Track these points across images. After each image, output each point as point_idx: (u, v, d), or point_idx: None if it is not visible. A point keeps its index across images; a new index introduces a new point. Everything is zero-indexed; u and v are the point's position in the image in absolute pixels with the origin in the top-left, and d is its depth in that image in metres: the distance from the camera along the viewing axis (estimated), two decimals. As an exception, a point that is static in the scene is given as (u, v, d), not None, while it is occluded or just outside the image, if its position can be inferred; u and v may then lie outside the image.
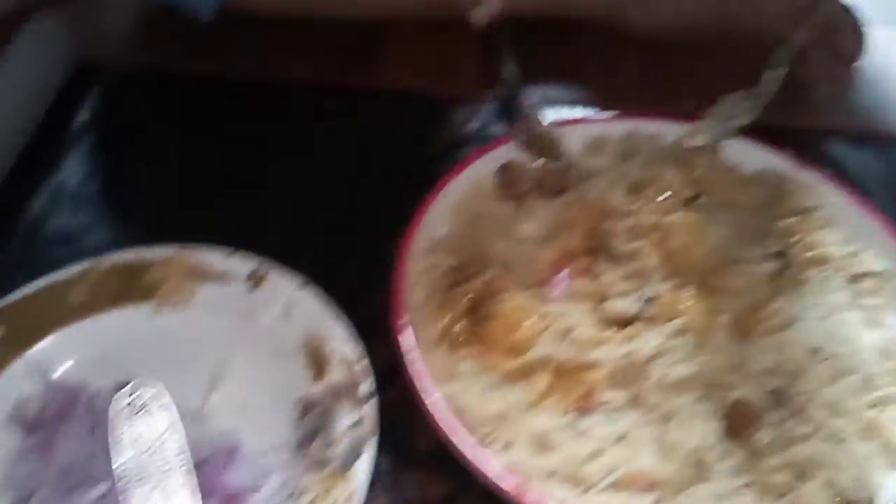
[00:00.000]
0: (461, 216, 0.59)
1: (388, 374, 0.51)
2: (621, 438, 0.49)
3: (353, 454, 0.46)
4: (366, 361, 0.49)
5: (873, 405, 0.50)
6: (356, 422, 0.47)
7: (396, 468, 0.49)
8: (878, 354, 0.53)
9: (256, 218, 0.62)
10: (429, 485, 0.49)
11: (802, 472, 0.47)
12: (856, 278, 0.57)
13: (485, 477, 0.45)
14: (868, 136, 0.71)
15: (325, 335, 0.51)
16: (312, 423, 0.48)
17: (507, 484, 0.45)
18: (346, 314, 0.52)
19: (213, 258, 0.54)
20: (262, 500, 0.46)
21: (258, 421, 0.49)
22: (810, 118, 0.71)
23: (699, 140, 0.61)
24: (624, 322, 0.54)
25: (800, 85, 0.60)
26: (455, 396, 0.50)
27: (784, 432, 0.48)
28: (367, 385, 0.48)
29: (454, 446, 0.46)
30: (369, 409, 0.47)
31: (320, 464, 0.46)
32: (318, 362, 0.50)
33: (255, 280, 0.53)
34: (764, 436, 0.47)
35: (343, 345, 0.50)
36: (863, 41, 0.73)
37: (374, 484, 0.47)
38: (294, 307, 0.52)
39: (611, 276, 0.56)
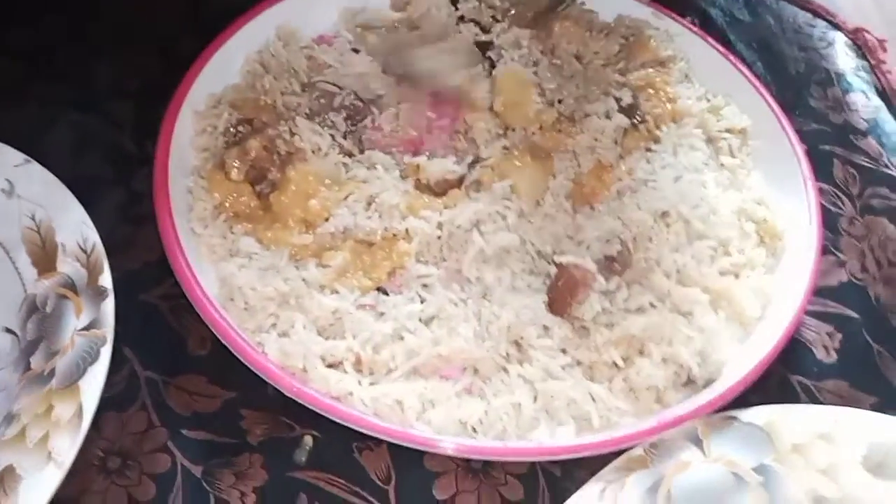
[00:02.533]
0: (251, 66, 0.47)
1: (158, 266, 0.40)
2: (431, 319, 0.39)
3: (84, 363, 0.34)
4: (101, 250, 0.37)
5: (725, 273, 0.42)
6: (90, 324, 0.35)
7: (163, 378, 0.38)
8: (735, 216, 0.44)
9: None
10: (204, 395, 0.38)
11: (637, 348, 0.39)
12: (716, 136, 0.48)
13: (256, 368, 0.36)
14: None
15: (54, 221, 0.38)
16: (35, 329, 0.36)
17: (278, 377, 0.36)
18: (91, 201, 0.40)
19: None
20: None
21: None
22: None
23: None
24: (443, 189, 0.44)
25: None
26: (232, 277, 0.39)
27: (617, 304, 0.40)
28: (105, 279, 0.36)
29: (220, 335, 0.37)
30: (104, 310, 0.35)
31: (41, 378, 0.34)
32: (44, 255, 0.38)
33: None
34: (593, 305, 0.39)
35: (76, 232, 0.37)
36: None
37: (129, 401, 0.37)
38: (14, 187, 0.39)
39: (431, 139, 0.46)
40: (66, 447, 0.31)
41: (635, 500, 0.34)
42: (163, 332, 0.39)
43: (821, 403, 0.41)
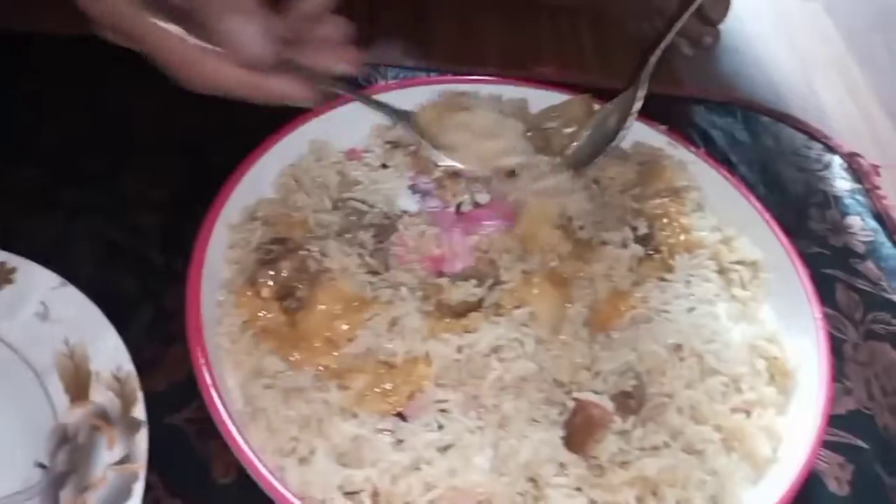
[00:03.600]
0: (285, 180, 0.48)
1: (184, 388, 0.40)
2: (448, 448, 0.39)
3: (116, 500, 0.33)
4: (136, 380, 0.37)
5: (737, 410, 0.42)
6: (122, 458, 0.35)
7: None
8: (746, 352, 0.45)
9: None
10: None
11: (651, 490, 0.38)
12: (728, 267, 0.49)
13: (273, 496, 0.36)
14: (731, 105, 0.64)
15: (88, 348, 0.38)
16: (66, 460, 0.35)
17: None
18: (120, 320, 0.40)
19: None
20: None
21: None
22: (673, 86, 0.65)
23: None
24: (462, 311, 0.44)
25: (665, 49, 0.53)
26: (256, 398, 0.39)
27: (633, 442, 0.39)
28: (138, 410, 0.36)
29: (244, 463, 0.36)
30: (139, 442, 0.35)
31: None
32: (77, 382, 0.37)
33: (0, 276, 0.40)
34: (609, 446, 0.39)
35: (111, 359, 0.37)
36: (728, 5, 0.67)
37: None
38: (48, 311, 0.39)
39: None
40: None
41: None
42: (188, 458, 0.39)
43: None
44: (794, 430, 0.42)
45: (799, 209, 0.58)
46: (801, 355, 0.45)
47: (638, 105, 0.51)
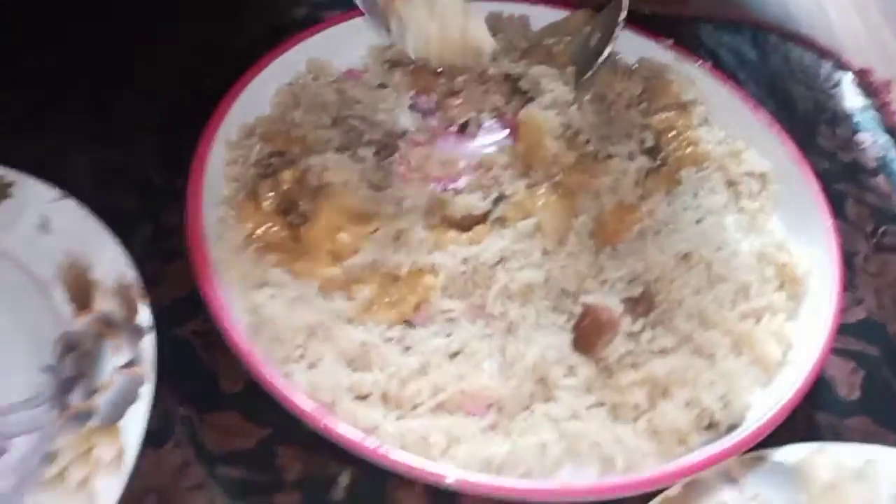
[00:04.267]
0: (282, 98, 0.47)
1: (187, 304, 0.40)
2: (456, 354, 0.39)
3: (124, 402, 0.34)
4: (141, 287, 0.37)
5: (746, 316, 0.42)
6: (129, 362, 0.35)
7: (198, 416, 0.38)
8: (755, 260, 0.44)
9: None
10: (239, 434, 0.38)
11: (661, 390, 0.38)
12: (736, 179, 0.48)
13: (285, 405, 0.36)
14: (740, 24, 0.62)
15: (90, 258, 0.38)
16: (73, 366, 0.36)
17: (307, 413, 0.35)
18: (120, 238, 0.40)
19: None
20: (7, 466, 0.33)
21: (4, 367, 0.36)
22: (680, 5, 0.62)
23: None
24: (467, 225, 0.44)
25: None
26: (261, 307, 0.39)
27: (642, 345, 0.39)
28: (143, 316, 0.36)
29: (251, 368, 0.36)
30: (146, 346, 0.35)
31: (81, 417, 0.34)
32: (80, 292, 0.37)
33: (-1, 191, 0.40)
34: (618, 348, 0.39)
35: (113, 268, 0.37)
36: None
37: (165, 438, 0.37)
38: (49, 223, 0.39)
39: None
40: (108, 489, 0.30)
41: (670, 542, 0.34)
42: (196, 369, 0.39)
43: (846, 440, 0.41)
44: (804, 335, 0.42)
45: (808, 126, 0.57)
46: (811, 262, 0.45)
47: (623, 14, 0.49)
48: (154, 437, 0.36)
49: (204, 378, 0.39)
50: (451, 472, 0.34)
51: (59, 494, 0.30)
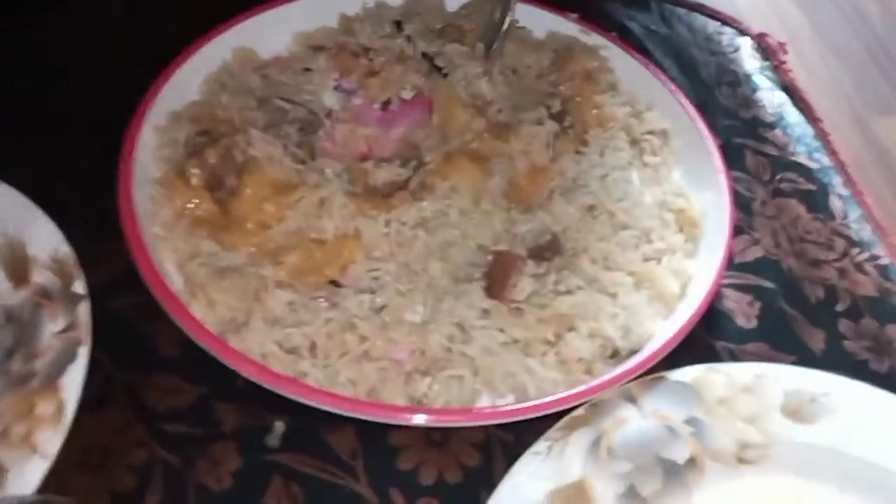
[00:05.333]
0: (210, 85, 0.50)
1: (125, 280, 0.42)
2: (381, 309, 0.42)
3: (62, 363, 0.36)
4: (74, 260, 0.40)
5: (648, 258, 0.46)
6: (66, 327, 0.38)
7: (138, 379, 0.41)
8: (656, 209, 0.49)
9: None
10: (178, 392, 0.41)
11: (567, 326, 0.42)
12: (639, 138, 0.52)
13: (223, 357, 0.38)
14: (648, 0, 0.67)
15: (24, 235, 0.40)
16: (12, 336, 0.38)
17: (244, 362, 0.38)
18: (65, 218, 0.42)
19: None
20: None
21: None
22: None
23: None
24: (388, 193, 0.47)
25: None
26: (194, 275, 0.42)
27: (548, 286, 0.43)
28: (78, 285, 0.39)
29: (187, 329, 0.39)
30: (82, 313, 0.38)
31: (22, 378, 0.36)
32: (17, 268, 0.40)
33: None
34: (526, 288, 0.42)
35: (48, 244, 0.40)
36: None
37: (106, 401, 0.39)
38: None
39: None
40: (51, 439, 0.33)
41: (579, 454, 0.38)
42: (135, 338, 0.42)
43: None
44: (701, 271, 0.46)
45: (710, 88, 0.61)
46: (707, 206, 0.49)
47: None
48: (96, 401, 0.39)
49: (143, 346, 0.42)
50: (380, 407, 0.38)
51: (2, 448, 0.33)
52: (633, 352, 0.42)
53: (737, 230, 0.52)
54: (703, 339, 0.46)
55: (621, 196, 0.48)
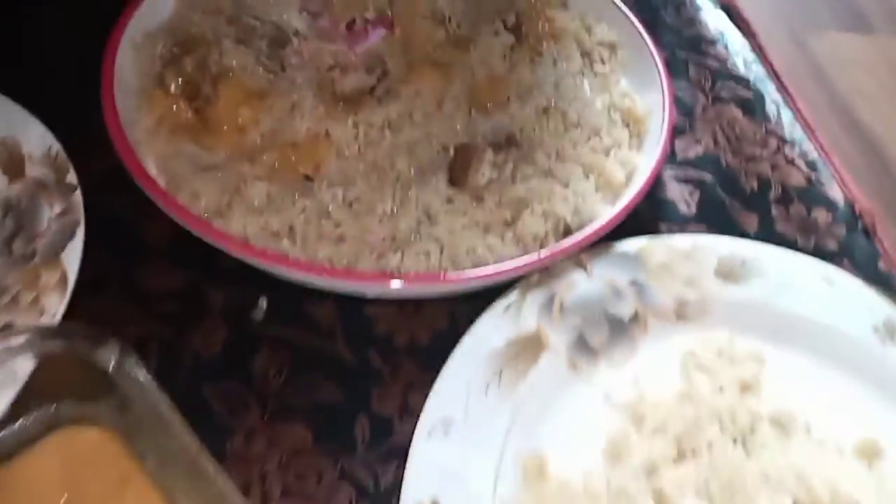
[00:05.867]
0: (181, 6, 0.52)
1: (113, 181, 0.44)
2: (353, 201, 0.46)
3: (62, 240, 0.40)
4: (65, 156, 0.43)
5: (597, 151, 0.50)
6: (62, 211, 0.41)
7: (130, 267, 0.44)
8: (605, 110, 0.53)
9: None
10: (168, 275, 0.44)
11: (522, 208, 0.46)
12: (589, 49, 0.57)
13: (209, 238, 0.42)
14: None
15: (18, 136, 0.43)
16: (13, 222, 0.41)
17: (228, 242, 0.41)
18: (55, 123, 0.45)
19: None
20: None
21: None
22: None
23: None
24: (356, 99, 0.50)
25: None
26: (177, 170, 0.45)
27: (506, 174, 0.47)
28: (71, 177, 0.42)
29: (174, 214, 0.42)
30: (76, 199, 0.42)
31: (25, 257, 0.40)
32: (13, 164, 0.43)
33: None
34: (484, 174, 0.46)
35: (41, 143, 0.43)
36: None
37: (101, 287, 0.43)
38: None
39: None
40: (56, 304, 0.36)
41: (534, 311, 0.42)
42: (125, 232, 0.45)
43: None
44: (645, 162, 0.50)
45: (657, 9, 0.66)
46: (651, 105, 0.53)
47: None
48: (91, 287, 0.42)
49: (132, 239, 0.46)
50: (358, 276, 0.42)
51: (13, 313, 0.36)
52: (582, 228, 0.46)
53: (679, 131, 0.57)
54: (649, 222, 0.51)
55: (572, 98, 0.53)
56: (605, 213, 0.47)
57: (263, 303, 0.43)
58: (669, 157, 0.56)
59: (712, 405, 0.39)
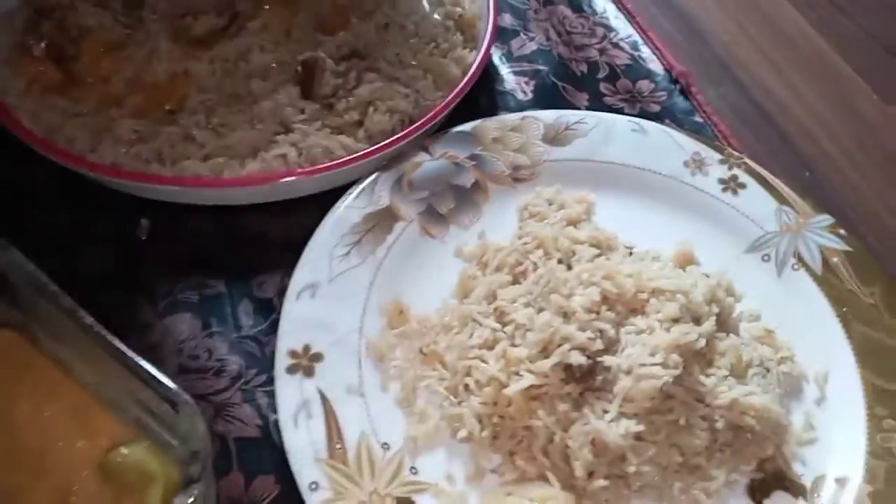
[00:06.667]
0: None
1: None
2: (216, 126, 0.50)
3: None
4: None
5: (434, 55, 0.57)
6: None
7: (18, 211, 0.47)
8: (440, 21, 0.59)
9: None
10: (54, 213, 0.48)
11: (369, 108, 0.52)
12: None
13: (85, 170, 0.47)
14: None
15: None
16: None
17: (101, 170, 0.46)
18: None
19: None
20: None
21: None
22: None
23: None
24: (210, 41, 0.55)
25: None
26: (51, 121, 0.49)
27: (350, 82, 0.53)
28: None
29: (58, 158, 0.47)
30: None
31: None
32: None
33: None
34: (330, 82, 0.52)
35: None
36: None
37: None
38: None
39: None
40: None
41: (386, 191, 0.48)
42: (11, 180, 0.49)
43: (520, 125, 0.56)
44: (478, 59, 0.56)
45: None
46: (480, 11, 0.59)
47: None
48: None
49: (20, 186, 0.50)
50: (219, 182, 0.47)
51: None
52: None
53: (514, 33, 0.64)
54: (491, 111, 0.57)
55: (410, 13, 0.58)
56: (438, 104, 0.54)
57: (145, 223, 0.48)
58: (506, 55, 0.63)
59: (538, 236, 0.46)
